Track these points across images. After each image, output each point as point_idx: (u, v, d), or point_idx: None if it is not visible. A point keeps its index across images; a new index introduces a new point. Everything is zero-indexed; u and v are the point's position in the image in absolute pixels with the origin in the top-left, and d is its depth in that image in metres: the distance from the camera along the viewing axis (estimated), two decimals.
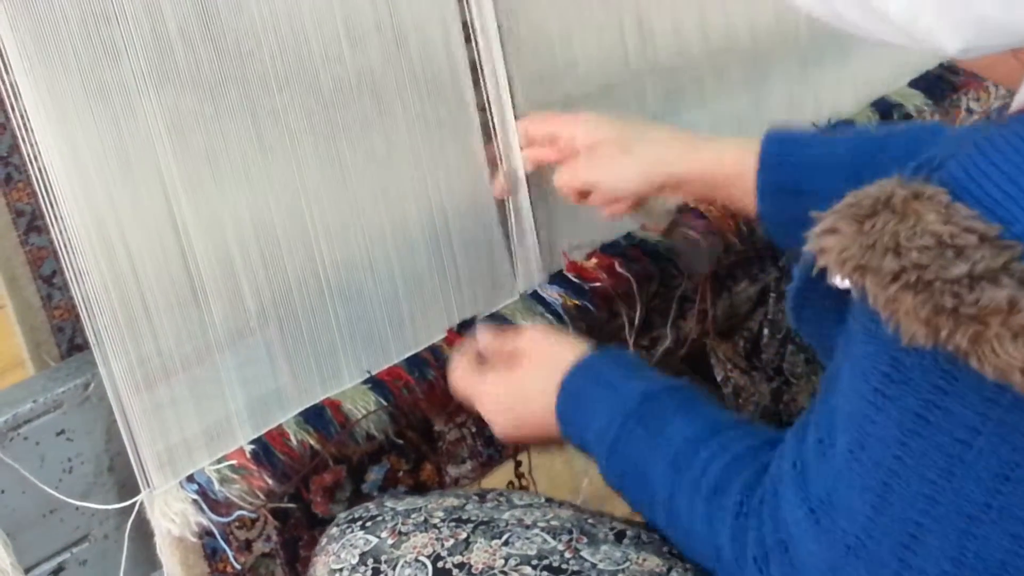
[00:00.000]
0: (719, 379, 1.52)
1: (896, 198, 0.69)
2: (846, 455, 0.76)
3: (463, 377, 1.13)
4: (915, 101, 1.55)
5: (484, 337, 1.14)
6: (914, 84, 1.57)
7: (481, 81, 1.15)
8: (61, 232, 0.93)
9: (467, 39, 1.13)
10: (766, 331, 1.49)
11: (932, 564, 0.74)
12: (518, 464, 1.32)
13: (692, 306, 1.39)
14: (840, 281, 0.70)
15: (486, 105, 1.16)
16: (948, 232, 0.66)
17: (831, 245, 0.70)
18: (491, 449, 1.32)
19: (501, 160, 1.18)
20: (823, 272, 0.72)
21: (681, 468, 0.92)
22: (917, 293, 0.66)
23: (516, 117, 1.18)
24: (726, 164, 1.12)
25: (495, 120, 1.17)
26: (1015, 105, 0.75)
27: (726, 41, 1.35)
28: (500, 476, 1.34)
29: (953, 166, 0.69)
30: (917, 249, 0.66)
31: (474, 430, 1.29)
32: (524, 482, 1.30)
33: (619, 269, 1.29)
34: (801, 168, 1.08)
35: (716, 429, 0.94)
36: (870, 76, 1.54)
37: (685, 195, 1.17)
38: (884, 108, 1.54)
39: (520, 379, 1.08)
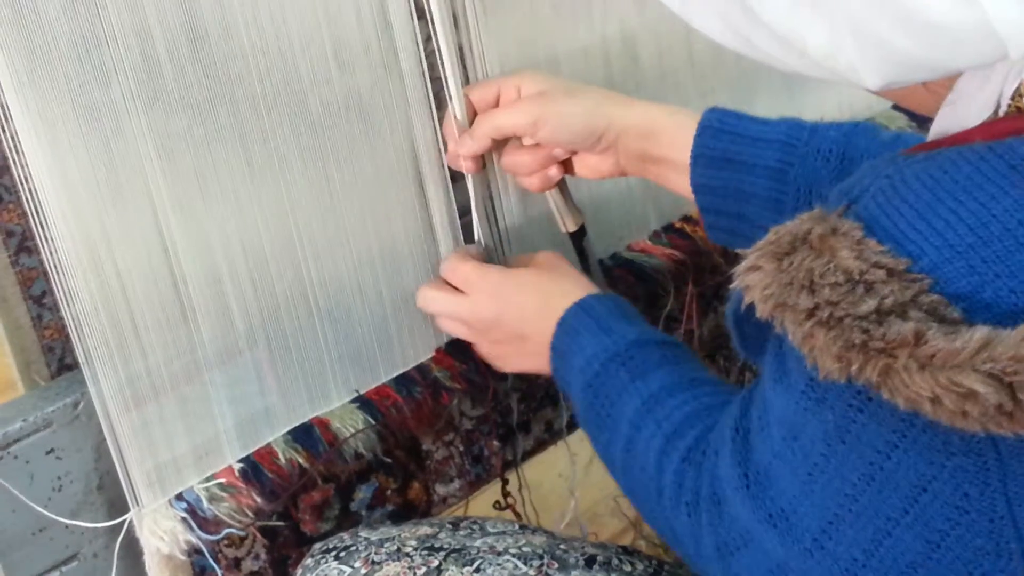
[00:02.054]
0: None
1: (813, 234, 0.71)
2: (780, 441, 0.79)
3: (461, 261, 1.13)
4: (899, 123, 1.57)
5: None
6: (898, 107, 1.59)
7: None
8: (51, 253, 0.94)
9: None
10: (721, 361, 1.50)
11: (845, 549, 0.76)
12: (505, 483, 1.32)
13: (678, 325, 1.40)
14: (765, 316, 0.72)
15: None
16: (858, 268, 0.68)
17: (755, 282, 0.72)
18: (479, 468, 1.33)
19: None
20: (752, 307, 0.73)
21: (651, 408, 0.96)
22: (829, 329, 0.68)
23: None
24: (664, 124, 1.11)
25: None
26: (929, 138, 0.77)
27: (712, 64, 1.36)
28: (489, 496, 1.35)
29: (868, 201, 0.71)
30: (830, 286, 0.68)
31: (462, 449, 1.30)
32: (511, 501, 1.30)
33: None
34: (736, 138, 1.09)
35: (694, 380, 0.98)
36: (854, 99, 1.55)
37: (622, 155, 1.14)
38: None
39: (527, 277, 1.10)
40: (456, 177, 1.17)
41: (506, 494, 1.32)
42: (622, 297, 1.10)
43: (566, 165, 1.18)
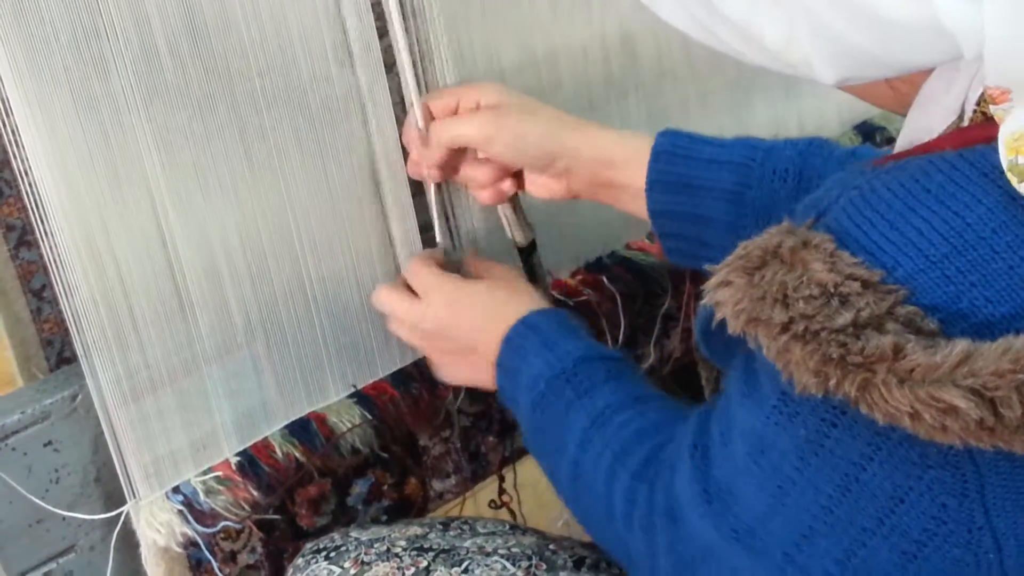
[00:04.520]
0: (708, 399, 1.53)
1: (784, 247, 0.70)
2: (744, 456, 0.78)
3: (423, 267, 1.12)
4: (897, 124, 1.56)
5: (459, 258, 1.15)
6: None
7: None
8: (51, 247, 0.95)
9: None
10: (703, 373, 1.49)
11: (817, 563, 0.75)
12: (501, 480, 1.33)
13: (676, 324, 1.40)
14: (737, 332, 0.71)
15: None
16: (832, 280, 0.67)
17: (725, 298, 0.71)
18: (475, 464, 1.33)
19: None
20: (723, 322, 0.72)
21: (597, 426, 0.94)
22: (806, 344, 0.67)
23: None
24: (620, 149, 1.09)
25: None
26: (898, 147, 0.77)
27: (711, 63, 1.37)
28: (487, 493, 1.35)
29: (838, 213, 0.70)
30: (804, 299, 0.67)
31: (459, 445, 1.30)
32: (506, 498, 1.30)
33: (606, 284, 1.30)
34: (691, 162, 1.08)
35: (639, 398, 0.96)
36: (853, 100, 1.54)
37: (574, 180, 1.12)
38: (867, 131, 1.56)
39: (481, 289, 1.09)
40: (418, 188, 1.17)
41: (502, 491, 1.32)
42: (568, 312, 1.08)
43: (519, 181, 1.16)
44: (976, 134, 0.70)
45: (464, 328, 1.07)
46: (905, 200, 0.68)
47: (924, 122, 0.75)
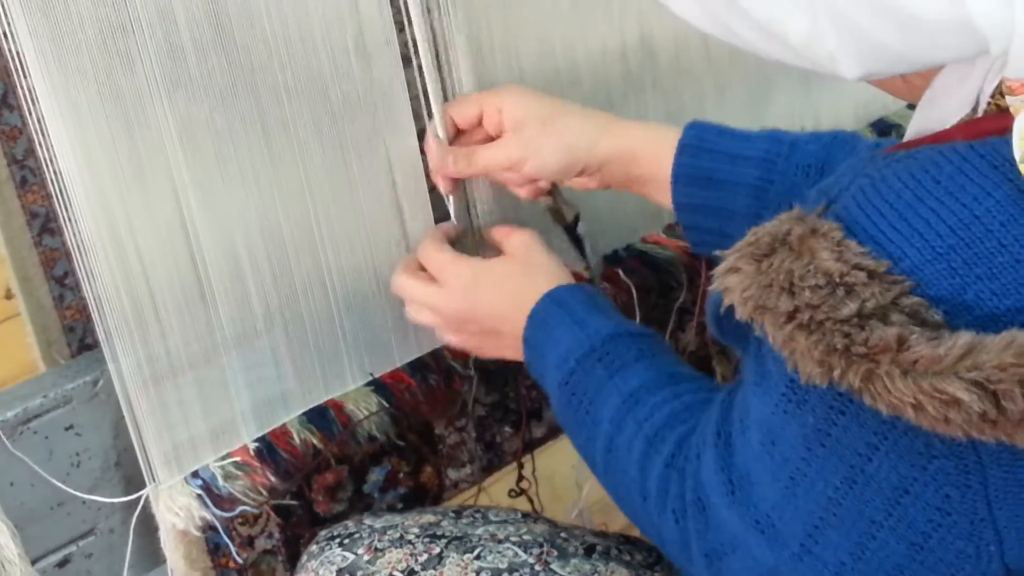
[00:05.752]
0: None
1: (793, 235, 0.71)
2: (758, 445, 0.79)
3: (436, 248, 1.11)
4: None
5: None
6: (913, 106, 1.58)
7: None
8: (74, 234, 0.96)
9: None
10: (718, 369, 1.50)
11: (831, 554, 0.76)
12: (521, 467, 1.33)
13: (691, 318, 1.41)
14: (745, 319, 0.72)
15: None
16: (838, 270, 0.68)
17: (733, 284, 0.72)
18: (491, 454, 1.34)
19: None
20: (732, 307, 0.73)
21: (631, 407, 0.94)
22: (810, 333, 0.67)
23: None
24: (645, 145, 1.10)
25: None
26: (908, 137, 0.78)
27: (729, 59, 1.37)
28: (504, 484, 1.36)
29: (847, 201, 0.71)
30: (810, 288, 0.68)
31: (474, 435, 1.32)
32: (524, 484, 1.31)
33: (621, 277, 1.31)
34: (717, 157, 1.08)
35: (673, 378, 0.96)
36: (870, 96, 1.56)
37: (606, 177, 1.13)
38: (883, 128, 1.56)
39: (499, 270, 1.09)
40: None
41: (520, 479, 1.33)
42: (594, 288, 1.08)
43: None
44: (989, 125, 0.70)
45: (484, 313, 1.07)
46: (915, 191, 0.68)
47: (937, 114, 0.75)
